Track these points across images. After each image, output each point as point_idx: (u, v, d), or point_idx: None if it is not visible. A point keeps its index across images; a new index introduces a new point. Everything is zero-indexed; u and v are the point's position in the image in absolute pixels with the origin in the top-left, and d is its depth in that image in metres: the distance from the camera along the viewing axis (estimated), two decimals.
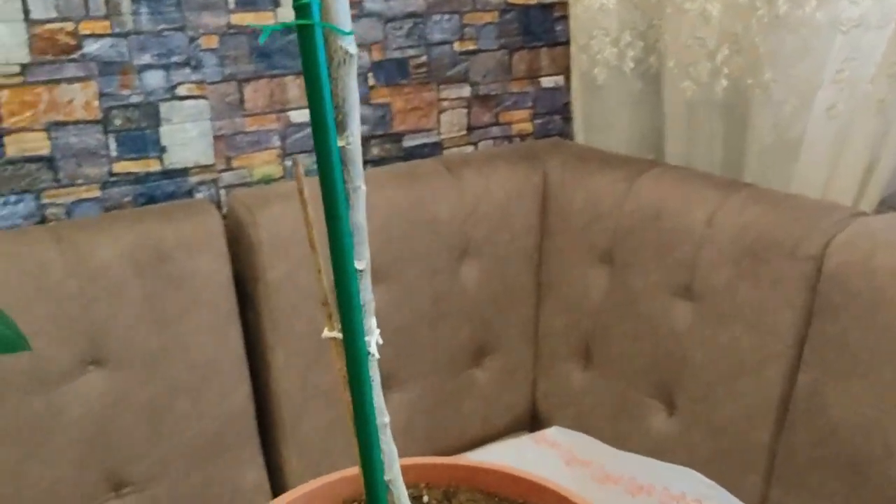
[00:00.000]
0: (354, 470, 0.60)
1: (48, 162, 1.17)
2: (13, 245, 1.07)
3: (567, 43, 1.56)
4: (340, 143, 0.41)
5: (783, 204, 1.15)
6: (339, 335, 0.44)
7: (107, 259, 1.10)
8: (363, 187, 0.43)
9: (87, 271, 1.09)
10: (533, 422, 1.47)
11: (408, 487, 0.50)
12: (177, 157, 1.26)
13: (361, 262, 0.43)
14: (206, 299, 1.17)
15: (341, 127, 0.41)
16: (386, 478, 0.48)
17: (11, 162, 1.15)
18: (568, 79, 1.59)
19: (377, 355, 0.45)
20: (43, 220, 1.19)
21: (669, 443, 1.25)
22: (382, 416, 0.46)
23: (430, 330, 1.35)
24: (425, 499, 0.59)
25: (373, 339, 0.44)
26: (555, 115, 1.63)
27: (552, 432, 1.01)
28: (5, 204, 1.16)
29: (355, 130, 0.41)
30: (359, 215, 0.42)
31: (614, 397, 1.34)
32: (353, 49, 0.40)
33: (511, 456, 0.94)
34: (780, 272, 1.10)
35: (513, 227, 1.41)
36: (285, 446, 1.28)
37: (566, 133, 1.64)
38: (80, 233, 1.11)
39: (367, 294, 0.44)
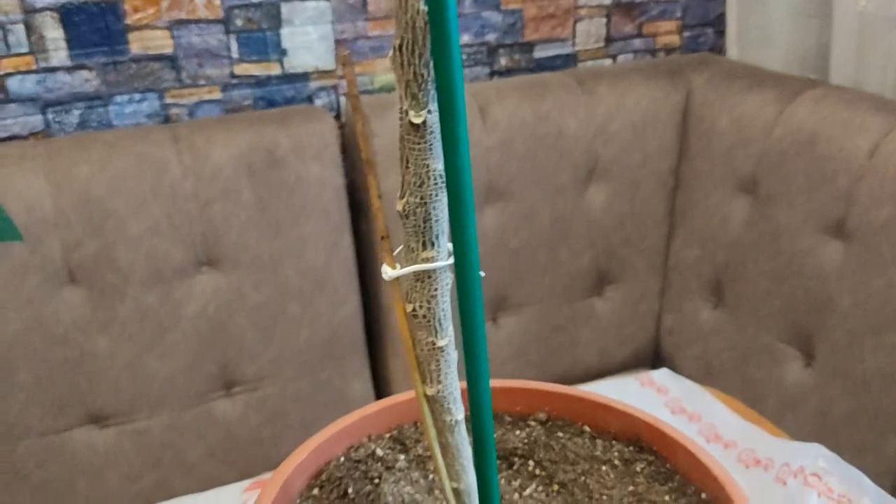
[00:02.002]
0: (408, 395, 0.55)
1: (171, 61, 1.17)
2: (133, 142, 1.08)
3: None
4: None
5: None
6: (400, 273, 0.39)
7: (221, 161, 1.10)
8: None
9: (203, 172, 1.09)
10: (655, 358, 1.39)
11: None
12: (297, 60, 1.23)
13: None
14: (318, 207, 1.15)
15: None
16: (458, 417, 0.43)
17: (135, 60, 1.15)
18: None
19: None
20: (167, 120, 1.20)
21: (803, 395, 1.14)
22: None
23: (549, 253, 1.28)
24: None
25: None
26: (707, 28, 1.48)
27: (660, 375, 0.93)
28: (130, 102, 1.17)
29: None
30: None
31: (745, 340, 1.23)
32: None
33: (609, 395, 0.87)
34: None
35: (647, 148, 1.30)
36: (393, 360, 1.26)
37: (718, 48, 1.49)
38: (196, 134, 1.11)
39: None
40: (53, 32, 1.11)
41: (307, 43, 1.23)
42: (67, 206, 1.04)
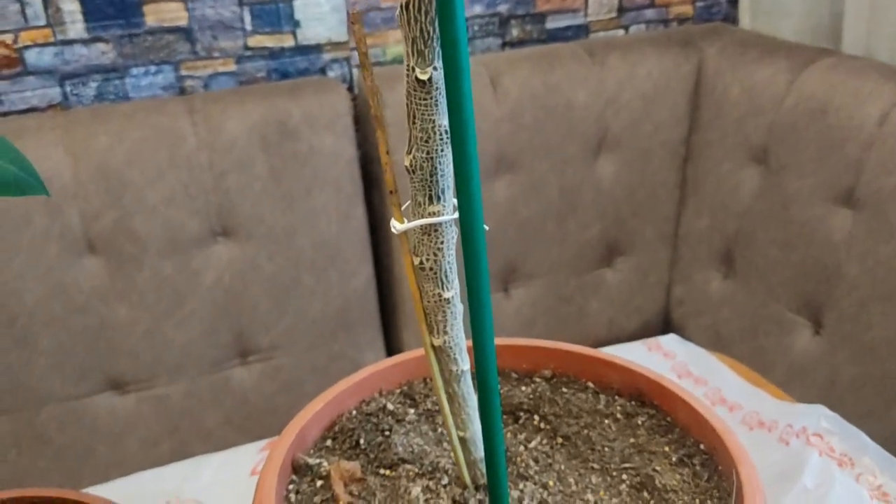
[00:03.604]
0: (419, 352, 0.57)
1: (186, 33, 1.18)
2: (149, 114, 1.10)
3: None
4: None
5: None
6: (408, 227, 0.40)
7: (235, 132, 1.11)
8: None
9: (217, 144, 1.11)
10: (664, 329, 1.40)
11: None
12: (310, 32, 1.24)
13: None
14: (330, 178, 1.17)
15: None
16: (464, 367, 0.45)
17: (151, 32, 1.17)
18: None
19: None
20: (182, 92, 1.22)
21: (811, 363, 1.15)
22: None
23: (559, 225, 1.29)
24: None
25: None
26: None
27: (668, 340, 0.94)
28: (146, 74, 1.19)
29: None
30: None
31: (755, 309, 1.24)
32: None
33: None
34: None
35: (657, 119, 1.30)
36: (406, 331, 1.28)
37: (731, 18, 1.48)
38: (211, 105, 1.12)
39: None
40: (70, 5, 1.12)
41: (320, 15, 1.24)
42: (86, 176, 1.06)
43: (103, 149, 1.07)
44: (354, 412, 0.55)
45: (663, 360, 0.93)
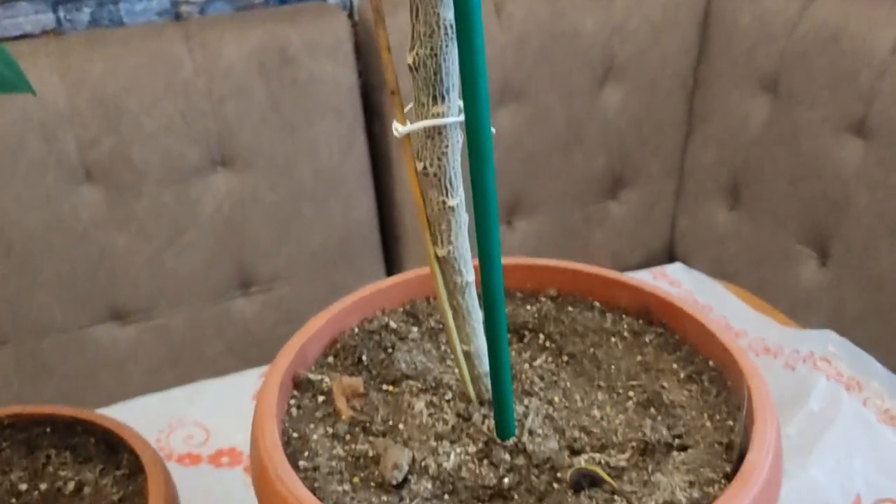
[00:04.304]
0: (421, 271, 0.56)
1: None
2: (144, 40, 1.07)
3: None
4: None
5: None
6: (410, 129, 0.39)
7: (233, 58, 1.09)
8: None
9: (215, 70, 1.08)
10: (669, 261, 1.39)
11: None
12: None
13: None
14: (331, 106, 1.14)
15: None
16: (469, 279, 0.43)
17: None
18: None
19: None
20: (177, 18, 1.18)
21: (816, 294, 1.14)
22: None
23: (564, 156, 1.27)
24: None
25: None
26: None
27: (674, 269, 0.93)
28: None
29: None
30: None
31: (761, 241, 1.23)
32: None
33: None
34: None
35: (666, 48, 1.27)
36: (407, 262, 1.27)
37: None
38: (208, 31, 1.09)
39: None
40: None
41: None
42: (82, 103, 1.04)
43: (99, 75, 1.05)
44: (356, 330, 0.54)
45: (669, 288, 0.92)
